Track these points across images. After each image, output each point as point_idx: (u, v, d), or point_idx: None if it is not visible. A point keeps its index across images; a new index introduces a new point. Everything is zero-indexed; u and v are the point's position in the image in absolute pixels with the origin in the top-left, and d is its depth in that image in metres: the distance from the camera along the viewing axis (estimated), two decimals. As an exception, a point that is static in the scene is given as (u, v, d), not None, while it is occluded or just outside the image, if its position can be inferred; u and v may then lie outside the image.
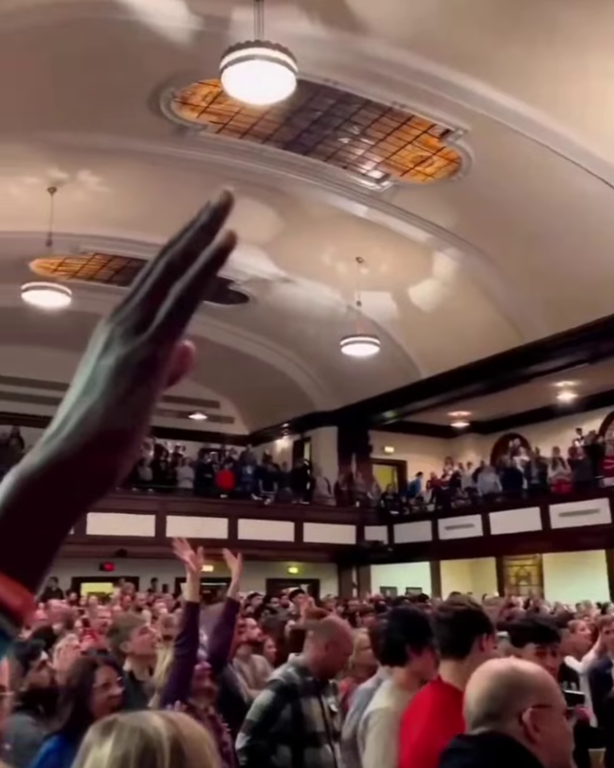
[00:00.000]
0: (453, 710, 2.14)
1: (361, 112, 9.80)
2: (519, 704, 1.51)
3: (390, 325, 15.07)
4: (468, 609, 2.34)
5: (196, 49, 8.37)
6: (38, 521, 0.46)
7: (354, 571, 17.19)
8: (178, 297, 0.49)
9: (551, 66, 8.70)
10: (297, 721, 3.21)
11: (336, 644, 3.36)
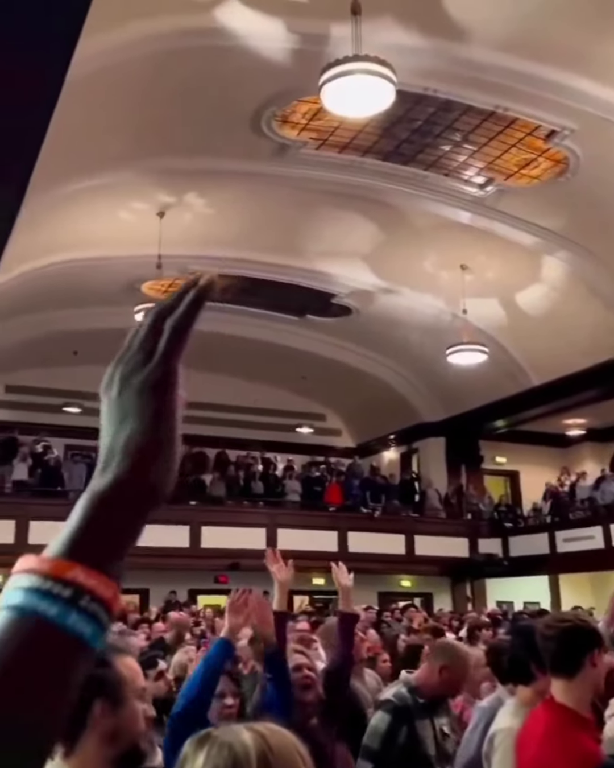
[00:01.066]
0: (567, 731, 2.08)
1: (463, 119, 9.67)
2: None
3: (498, 331, 14.74)
4: (576, 624, 2.25)
5: (296, 67, 8.49)
6: (113, 528, 0.54)
7: (468, 585, 16.81)
8: (172, 327, 0.60)
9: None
10: (412, 744, 3.13)
11: (451, 670, 3.25)
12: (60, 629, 0.48)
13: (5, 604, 0.49)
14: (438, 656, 3.33)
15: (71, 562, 0.51)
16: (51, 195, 9.56)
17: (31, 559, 0.52)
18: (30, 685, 0.47)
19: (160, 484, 0.57)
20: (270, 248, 13.03)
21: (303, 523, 15.46)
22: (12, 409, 16.71)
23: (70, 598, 0.49)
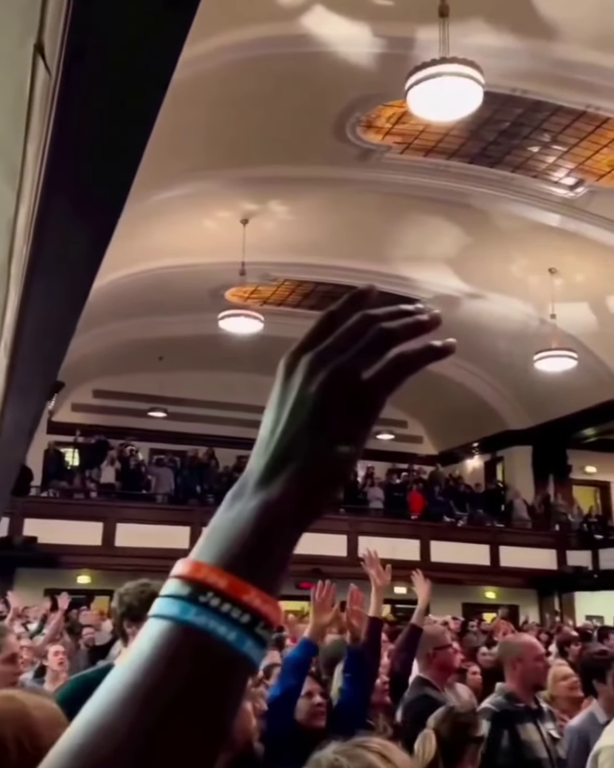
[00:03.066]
0: None
1: (552, 119, 9.40)
2: None
3: (588, 337, 14.27)
4: None
5: (381, 71, 8.43)
6: (282, 544, 0.49)
7: (556, 598, 16.30)
8: (396, 359, 0.53)
9: None
10: (517, 748, 3.09)
11: (521, 660, 3.23)
12: (235, 653, 0.46)
13: (175, 614, 0.46)
14: (505, 655, 3.36)
15: (246, 583, 0.47)
16: (139, 205, 9.79)
17: (201, 567, 0.47)
18: (211, 710, 0.45)
19: (331, 498, 0.52)
20: (353, 254, 12.98)
21: (384, 531, 15.30)
22: (99, 414, 17.21)
23: (247, 624, 0.46)
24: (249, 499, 0.50)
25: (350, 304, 0.55)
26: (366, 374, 0.51)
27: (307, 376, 0.51)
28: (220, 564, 0.47)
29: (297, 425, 0.51)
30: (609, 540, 16.45)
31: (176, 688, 0.44)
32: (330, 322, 0.54)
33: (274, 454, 0.50)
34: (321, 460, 0.50)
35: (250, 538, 0.48)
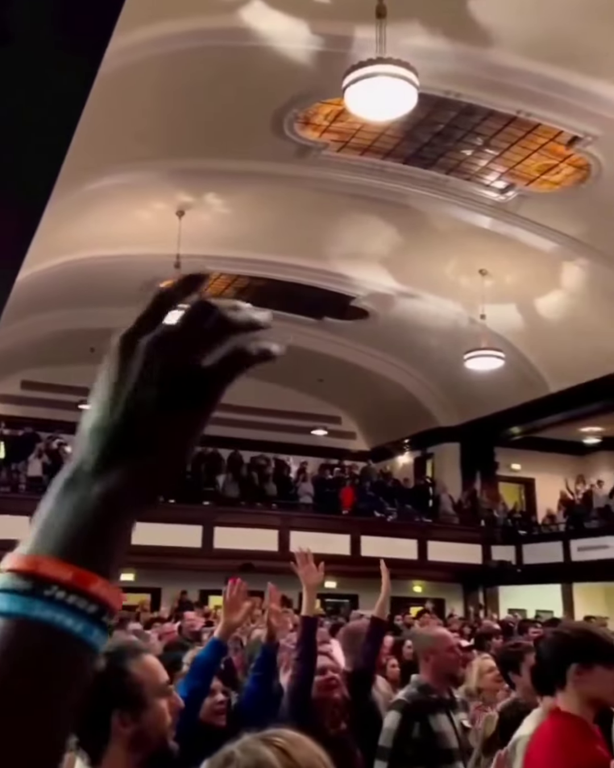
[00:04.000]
0: (571, 738, 2.05)
1: (485, 123, 9.62)
2: None
3: (516, 337, 14.66)
4: (565, 635, 2.22)
5: (319, 69, 8.49)
6: (124, 532, 0.49)
7: (480, 592, 16.71)
8: (237, 351, 0.51)
9: None
10: (428, 739, 3.15)
11: (434, 651, 3.31)
12: (83, 643, 0.46)
13: (19, 610, 0.45)
14: (418, 648, 3.42)
15: (91, 573, 0.46)
16: (70, 194, 9.60)
17: (41, 561, 0.46)
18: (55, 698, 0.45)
19: (170, 487, 0.51)
20: (289, 250, 13.03)
21: (315, 526, 15.40)
22: (28, 405, 16.81)
23: (94, 614, 0.46)
24: (86, 489, 0.48)
25: (183, 288, 0.53)
26: (206, 363, 0.51)
27: (146, 362, 0.50)
28: (63, 556, 0.46)
29: (135, 412, 0.49)
30: (533, 535, 16.94)
31: (26, 683, 0.44)
32: (162, 304, 0.52)
33: (111, 442, 0.49)
34: (161, 448, 0.49)
35: (92, 529, 0.47)
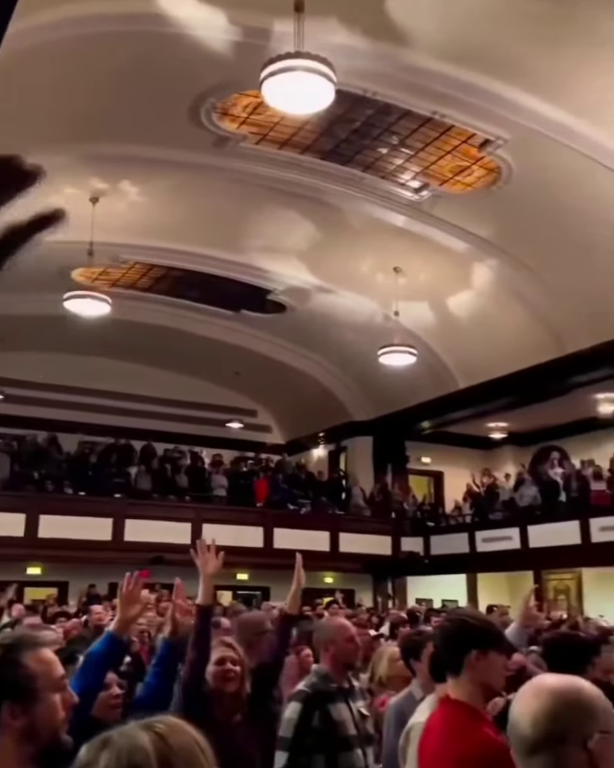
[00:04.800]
0: (463, 724, 2.11)
1: (400, 122, 9.79)
2: (586, 728, 1.27)
3: (428, 334, 15.00)
4: (458, 623, 2.26)
5: (237, 60, 8.45)
6: None
7: (389, 583, 17.06)
8: None
9: (594, 76, 8.60)
10: (328, 727, 3.20)
11: (334, 641, 3.38)
12: None
13: None
14: (319, 638, 3.48)
15: None
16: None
17: None
18: None
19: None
20: (206, 241, 12.94)
21: (229, 519, 15.40)
22: None
23: None
24: None
25: None
26: None
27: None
28: None
29: None
30: (440, 527, 17.40)
31: None
32: None
33: None
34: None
35: None
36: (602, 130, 9.38)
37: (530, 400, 14.97)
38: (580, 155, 9.71)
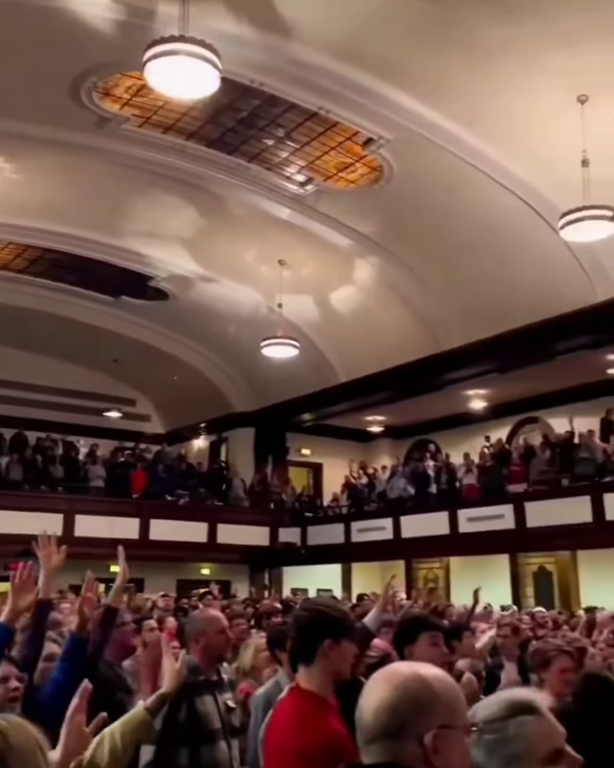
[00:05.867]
0: (309, 714, 2.13)
1: (286, 115, 9.81)
2: (424, 723, 1.27)
3: (311, 328, 15.15)
4: (311, 613, 2.29)
5: (120, 39, 8.21)
6: None
7: (266, 573, 17.18)
8: None
9: (476, 82, 8.89)
10: (192, 720, 3.19)
11: (204, 633, 3.38)
12: None
13: None
14: (190, 630, 3.47)
15: None
16: None
17: None
18: None
19: None
20: (85, 223, 12.54)
21: (104, 510, 15.09)
22: None
23: None
24: None
25: None
26: None
27: None
28: None
29: None
30: (317, 518, 17.68)
31: None
32: None
33: None
34: None
35: None
36: (481, 137, 9.73)
37: (406, 394, 15.42)
38: (460, 160, 10.03)
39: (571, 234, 8.82)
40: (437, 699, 1.29)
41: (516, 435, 16.72)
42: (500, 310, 12.23)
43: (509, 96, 8.97)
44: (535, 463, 14.00)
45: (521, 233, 10.98)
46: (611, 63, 8.23)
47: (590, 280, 11.13)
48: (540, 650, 3.56)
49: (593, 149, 8.57)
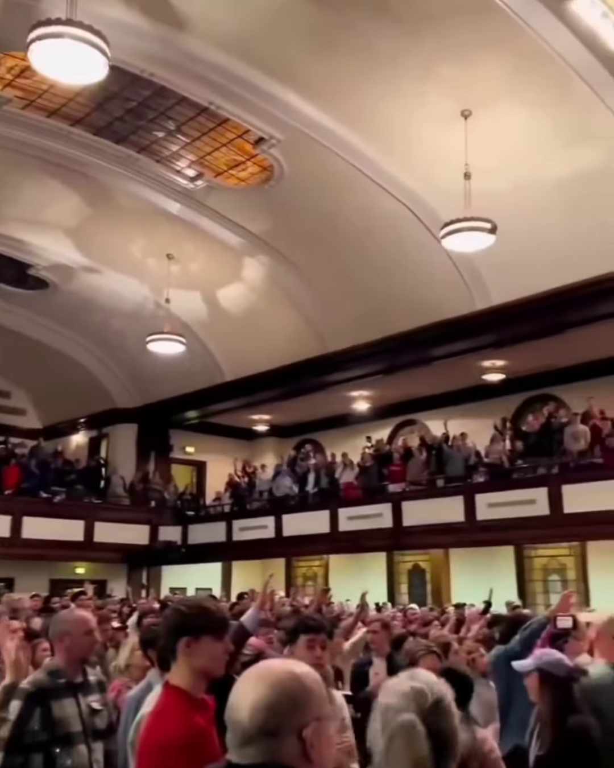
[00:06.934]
0: (176, 710, 2.14)
1: (177, 108, 9.67)
2: (302, 718, 1.29)
3: (198, 325, 15.00)
4: (175, 612, 2.33)
5: (2, 17, 7.85)
6: None
7: (144, 572, 16.89)
8: None
9: (366, 89, 9.05)
10: (47, 725, 3.09)
11: (69, 634, 3.30)
12: None
13: None
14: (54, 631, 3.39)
15: None
16: None
17: None
18: None
19: None
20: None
21: (-27, 507, 14.43)
22: None
23: None
24: None
25: None
26: None
27: None
28: None
29: None
30: (199, 516, 17.54)
31: None
32: None
33: None
34: None
35: None
36: (369, 142, 9.92)
37: (292, 394, 15.52)
38: (348, 164, 10.19)
39: (452, 243, 9.14)
40: (311, 693, 1.31)
41: (396, 436, 17.16)
42: (384, 314, 12.52)
43: (398, 104, 9.19)
44: (413, 463, 14.42)
45: (406, 240, 11.28)
46: (494, 80, 8.58)
47: (469, 288, 11.56)
48: (411, 650, 3.73)
49: (475, 163, 8.91)
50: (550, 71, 8.23)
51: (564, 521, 11.39)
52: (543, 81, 8.42)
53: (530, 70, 8.29)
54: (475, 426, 14.34)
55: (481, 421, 14.38)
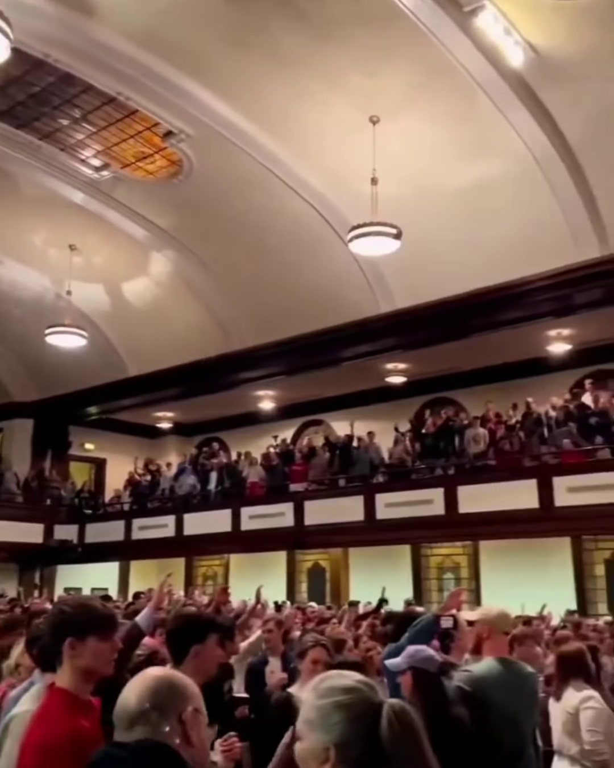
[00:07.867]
0: (52, 713, 2.10)
1: (83, 96, 9.43)
2: (181, 705, 1.54)
3: (101, 318, 14.66)
4: (61, 610, 2.29)
5: None
6: None
7: (37, 572, 16.36)
8: None
9: (276, 89, 9.08)
10: None
11: None
12: None
13: None
14: None
15: None
16: None
17: None
18: None
19: None
20: None
21: None
22: None
23: None
24: None
25: None
26: None
27: None
28: None
29: None
30: (97, 515, 17.13)
31: None
32: None
33: None
34: None
35: None
36: (278, 142, 9.94)
37: (197, 392, 15.36)
38: (257, 163, 10.18)
39: (358, 247, 9.27)
40: (189, 688, 1.59)
41: (301, 436, 17.26)
42: (291, 313, 12.56)
43: (307, 107, 9.25)
44: (316, 463, 14.54)
45: (313, 241, 11.37)
46: (402, 89, 8.76)
47: (373, 292, 11.75)
48: (301, 643, 3.79)
49: (382, 168, 9.06)
50: (456, 84, 8.46)
51: (459, 521, 11.73)
52: (449, 93, 8.65)
53: (436, 81, 8.51)
54: (380, 427, 14.58)
55: (386, 422, 14.63)
